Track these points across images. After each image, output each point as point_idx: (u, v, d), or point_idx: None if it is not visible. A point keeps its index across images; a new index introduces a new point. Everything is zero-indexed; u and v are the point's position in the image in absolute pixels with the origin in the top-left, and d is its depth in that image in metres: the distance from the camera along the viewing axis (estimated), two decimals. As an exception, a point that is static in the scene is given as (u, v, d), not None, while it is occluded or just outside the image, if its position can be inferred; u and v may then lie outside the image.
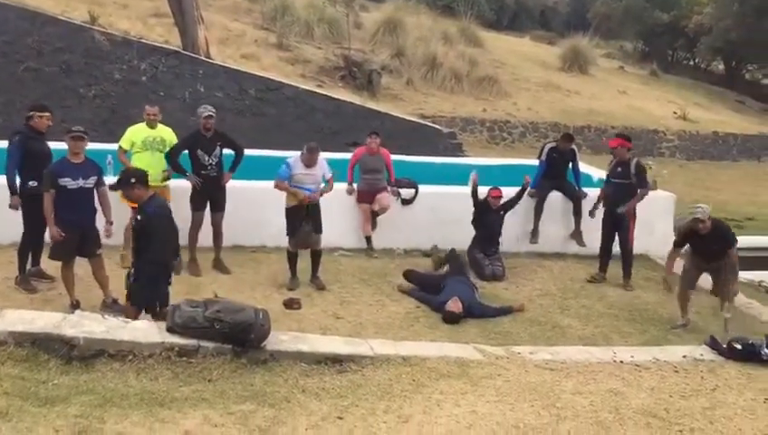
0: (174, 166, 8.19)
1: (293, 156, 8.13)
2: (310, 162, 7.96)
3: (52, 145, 7.61)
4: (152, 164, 8.12)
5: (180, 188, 8.55)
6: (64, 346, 5.41)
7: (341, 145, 13.20)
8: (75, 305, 6.73)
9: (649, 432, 5.18)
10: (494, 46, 24.72)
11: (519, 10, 36.08)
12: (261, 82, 15.59)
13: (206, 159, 8.12)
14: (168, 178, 8.32)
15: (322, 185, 8.19)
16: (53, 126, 7.53)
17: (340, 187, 9.47)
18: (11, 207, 7.28)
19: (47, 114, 7.35)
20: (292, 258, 8.13)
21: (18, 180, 7.27)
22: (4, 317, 5.57)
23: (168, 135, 8.39)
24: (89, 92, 14.51)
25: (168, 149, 8.27)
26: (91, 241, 6.93)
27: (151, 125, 8.29)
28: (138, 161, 8.09)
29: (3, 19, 14.19)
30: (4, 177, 7.33)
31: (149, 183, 7.96)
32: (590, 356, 6.49)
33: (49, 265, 7.50)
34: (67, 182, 6.66)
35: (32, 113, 7.32)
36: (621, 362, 6.39)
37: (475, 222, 9.23)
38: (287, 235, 8.12)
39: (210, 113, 8.19)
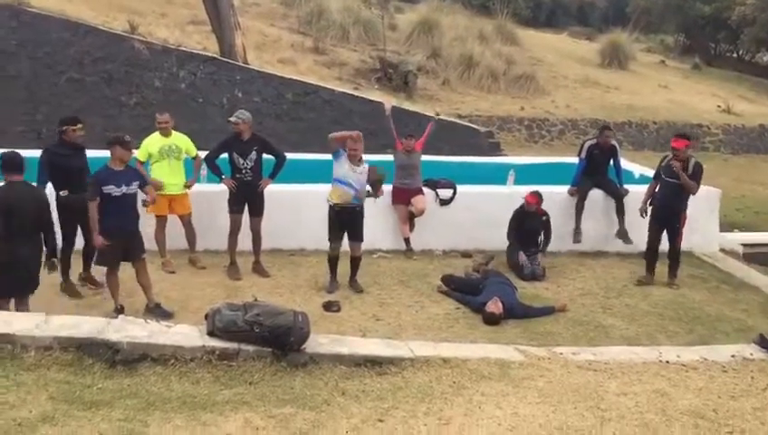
0: (212, 168, 8.28)
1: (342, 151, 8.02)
2: (353, 151, 7.91)
3: (94, 153, 7.75)
4: (170, 172, 8.25)
5: (215, 193, 8.66)
6: (108, 351, 5.49)
7: (379, 146, 13.19)
8: (119, 310, 6.83)
9: (697, 434, 5.05)
10: (531, 44, 24.48)
11: (556, 6, 35.66)
12: (298, 86, 15.67)
13: (241, 162, 8.15)
14: (190, 187, 8.42)
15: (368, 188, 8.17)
16: (95, 134, 7.65)
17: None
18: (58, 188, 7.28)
19: (79, 126, 7.40)
20: (333, 262, 8.12)
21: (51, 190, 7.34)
22: (50, 323, 5.67)
23: (183, 142, 8.44)
24: (129, 101, 14.76)
25: (184, 156, 8.36)
26: (136, 246, 7.03)
27: (165, 133, 8.32)
28: (156, 171, 8.20)
29: (45, 30, 14.51)
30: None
31: (169, 192, 8.15)
32: (634, 356, 6.37)
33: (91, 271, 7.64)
34: (112, 189, 6.77)
35: (64, 127, 7.35)
36: (667, 362, 6.26)
37: (511, 232, 9.11)
38: (328, 239, 8.10)
39: (236, 119, 8.17)
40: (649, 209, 8.92)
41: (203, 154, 10.04)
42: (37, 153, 7.50)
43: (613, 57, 24.36)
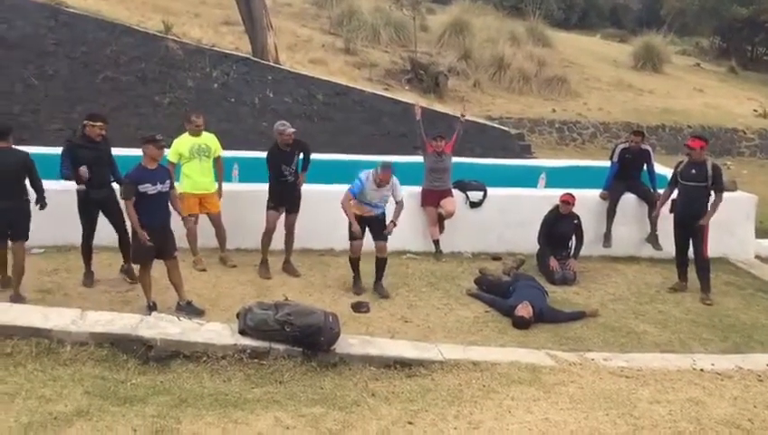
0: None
1: (366, 172, 7.99)
2: (383, 181, 7.93)
3: (126, 152, 7.85)
4: (201, 172, 8.34)
5: (245, 192, 8.75)
6: (142, 347, 5.57)
7: (409, 148, 13.20)
8: (152, 307, 6.91)
9: (732, 444, 4.98)
10: (564, 45, 24.29)
11: (588, 8, 35.34)
12: (328, 86, 15.73)
13: (288, 169, 8.26)
14: (220, 196, 8.53)
15: (390, 203, 8.13)
16: (129, 133, 7.77)
17: (410, 190, 9.48)
18: (81, 174, 7.38)
19: (99, 124, 7.58)
20: (355, 263, 8.12)
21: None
22: (86, 319, 5.78)
23: (212, 142, 8.53)
24: (163, 100, 14.93)
25: (213, 155, 8.44)
26: (169, 243, 7.12)
27: (196, 133, 8.43)
28: (186, 170, 8.29)
29: (82, 30, 14.75)
30: (72, 183, 7.59)
31: (198, 191, 8.24)
32: (667, 363, 6.29)
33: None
34: (147, 188, 6.86)
35: (85, 122, 7.59)
36: (701, 370, 6.17)
37: (542, 235, 9.06)
38: (350, 239, 8.11)
39: (294, 130, 8.29)
40: (671, 217, 8.78)
41: (234, 154, 10.21)
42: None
43: (647, 60, 24.05)
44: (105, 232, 7.78)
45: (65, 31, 14.65)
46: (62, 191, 7.96)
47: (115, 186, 7.64)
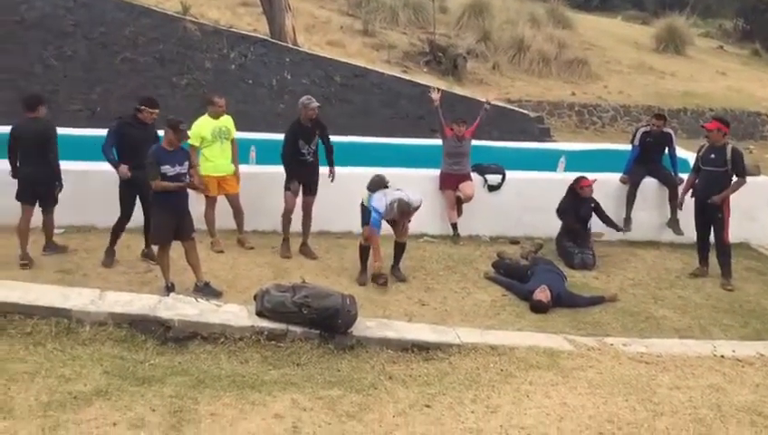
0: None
1: (382, 201, 7.64)
2: (402, 217, 7.83)
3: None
4: (221, 153, 8.35)
5: (264, 174, 8.76)
6: (160, 328, 5.60)
7: (427, 131, 13.13)
8: (170, 288, 6.94)
9: (754, 431, 4.93)
10: (584, 27, 23.97)
11: (610, -11, 34.87)
12: (346, 68, 15.65)
13: (306, 148, 8.23)
14: (238, 179, 8.53)
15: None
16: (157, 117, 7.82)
17: (428, 173, 9.44)
18: (121, 175, 7.57)
19: (156, 110, 7.69)
20: (364, 252, 7.92)
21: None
22: (105, 299, 5.81)
23: (230, 124, 8.53)
24: (181, 81, 14.93)
25: (231, 137, 8.43)
26: (186, 225, 7.13)
27: (216, 116, 8.42)
28: (207, 153, 8.28)
29: (101, 11, 14.75)
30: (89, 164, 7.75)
31: (218, 173, 8.24)
32: (687, 349, 6.23)
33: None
34: (167, 169, 6.87)
35: (142, 107, 7.62)
36: (722, 356, 6.11)
37: (560, 212, 8.98)
38: (362, 224, 7.99)
39: (318, 105, 8.29)
40: (692, 201, 8.67)
41: (251, 136, 10.20)
42: (90, 131, 7.77)
43: (669, 42, 23.67)
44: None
45: (84, 12, 14.67)
46: (81, 173, 8.01)
47: None
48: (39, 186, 7.52)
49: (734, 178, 8.35)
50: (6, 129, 7.56)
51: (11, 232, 8.17)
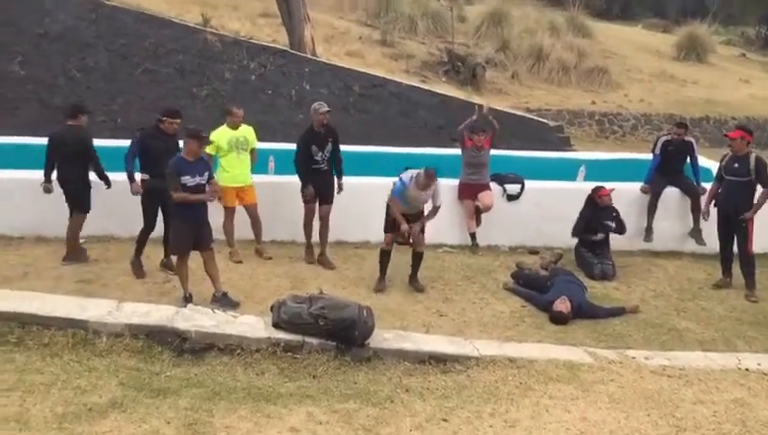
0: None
1: (409, 173, 7.81)
2: (425, 187, 7.80)
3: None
4: (238, 164, 8.35)
5: (281, 184, 8.78)
6: (177, 339, 5.59)
7: (446, 140, 13.07)
8: (188, 299, 6.94)
9: (780, 448, 4.80)
10: (604, 36, 23.84)
11: (631, -3, 34.68)
12: (365, 78, 15.67)
13: (319, 154, 8.24)
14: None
15: (426, 211, 8.00)
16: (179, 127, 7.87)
17: (447, 183, 9.37)
18: (132, 192, 7.68)
19: (178, 121, 7.74)
20: (385, 258, 7.95)
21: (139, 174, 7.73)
22: (122, 310, 5.81)
23: (250, 134, 8.54)
24: (201, 92, 15.03)
25: (250, 147, 8.43)
26: (205, 235, 7.14)
27: (234, 126, 8.43)
28: (224, 163, 8.29)
29: (122, 23, 14.91)
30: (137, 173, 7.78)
31: (236, 184, 8.25)
32: (711, 363, 6.11)
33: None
34: (187, 180, 6.88)
35: (164, 118, 7.68)
36: (747, 369, 5.98)
37: (579, 225, 8.89)
38: (384, 231, 8.00)
39: (328, 109, 8.31)
40: (715, 211, 8.53)
41: (270, 146, 10.22)
42: (108, 142, 7.92)
43: (691, 50, 23.47)
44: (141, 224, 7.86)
45: (105, 24, 14.84)
46: (100, 183, 8.04)
47: None
48: (70, 190, 7.79)
49: (758, 188, 8.22)
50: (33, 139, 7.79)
51: (32, 243, 8.31)
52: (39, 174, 7.91)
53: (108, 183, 7.95)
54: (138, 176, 7.71)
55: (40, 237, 8.46)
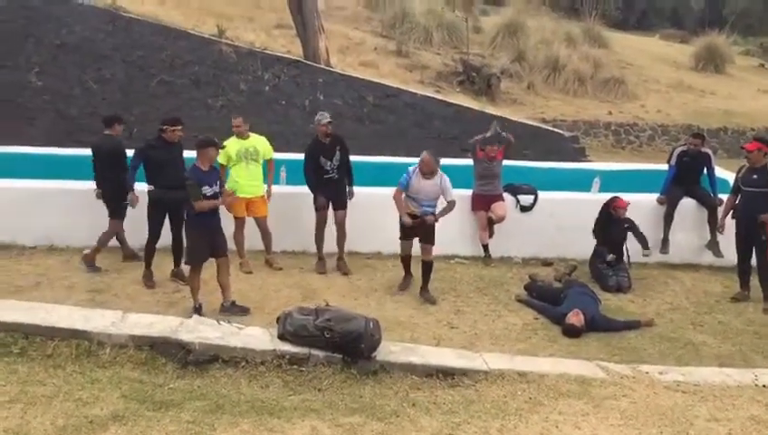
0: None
1: (415, 165, 7.95)
2: (425, 169, 7.78)
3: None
4: (248, 175, 8.31)
5: (292, 194, 8.77)
6: (181, 350, 5.53)
7: (460, 151, 12.98)
8: (198, 309, 6.90)
9: (797, 468, 4.65)
10: (621, 46, 23.67)
11: (648, 8, 34.42)
12: (379, 89, 15.63)
13: (329, 164, 8.27)
14: (269, 197, 8.51)
15: (438, 209, 7.95)
16: (184, 134, 7.86)
17: (460, 193, 9.28)
18: (131, 203, 7.81)
19: (179, 127, 7.74)
20: (405, 260, 8.10)
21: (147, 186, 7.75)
22: (126, 321, 5.77)
23: (261, 145, 8.50)
24: (216, 103, 15.06)
25: (262, 159, 8.39)
26: (221, 242, 7.12)
27: (242, 136, 8.39)
28: (234, 174, 8.27)
29: (138, 35, 15.00)
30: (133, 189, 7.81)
31: (244, 195, 8.20)
32: (727, 378, 5.96)
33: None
34: (206, 190, 6.88)
35: (165, 127, 7.71)
36: (764, 386, 5.82)
37: (596, 232, 8.78)
38: (399, 238, 8.04)
39: (330, 120, 8.36)
40: (733, 223, 8.37)
41: (283, 156, 10.18)
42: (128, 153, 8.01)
43: (709, 61, 23.23)
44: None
45: (122, 36, 14.93)
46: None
47: None
48: (105, 197, 7.98)
49: None
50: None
51: (44, 253, 8.33)
52: (52, 184, 7.97)
53: (128, 193, 7.89)
54: (144, 187, 7.70)
55: (52, 247, 8.49)
